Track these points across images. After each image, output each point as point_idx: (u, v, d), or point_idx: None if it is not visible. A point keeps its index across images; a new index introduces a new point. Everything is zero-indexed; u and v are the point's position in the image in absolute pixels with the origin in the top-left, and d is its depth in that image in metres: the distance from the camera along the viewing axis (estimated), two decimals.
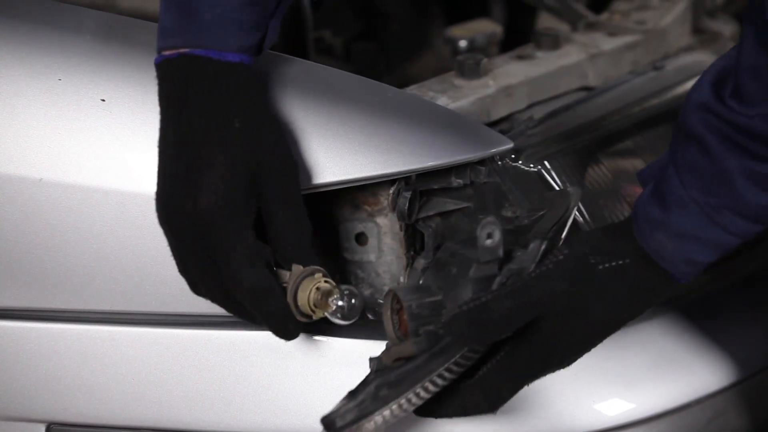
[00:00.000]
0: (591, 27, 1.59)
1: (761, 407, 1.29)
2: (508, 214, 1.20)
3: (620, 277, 1.04)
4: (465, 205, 1.20)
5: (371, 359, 1.08)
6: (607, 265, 1.04)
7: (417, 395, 1.04)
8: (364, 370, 1.15)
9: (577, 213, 1.22)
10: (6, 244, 1.20)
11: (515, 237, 1.13)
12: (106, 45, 1.20)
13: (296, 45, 1.88)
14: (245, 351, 1.20)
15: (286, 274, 1.10)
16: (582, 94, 1.43)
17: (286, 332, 1.09)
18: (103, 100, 1.15)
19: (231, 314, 1.11)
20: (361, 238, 1.21)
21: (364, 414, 1.03)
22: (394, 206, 1.18)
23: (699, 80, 1.00)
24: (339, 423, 1.03)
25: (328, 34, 2.02)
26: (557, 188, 1.23)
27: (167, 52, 1.07)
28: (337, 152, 1.14)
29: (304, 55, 1.88)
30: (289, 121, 1.14)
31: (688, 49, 1.61)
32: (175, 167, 1.06)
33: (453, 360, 1.03)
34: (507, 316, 1.02)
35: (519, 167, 1.23)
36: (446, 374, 1.04)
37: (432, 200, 1.21)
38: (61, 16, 1.23)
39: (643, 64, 1.54)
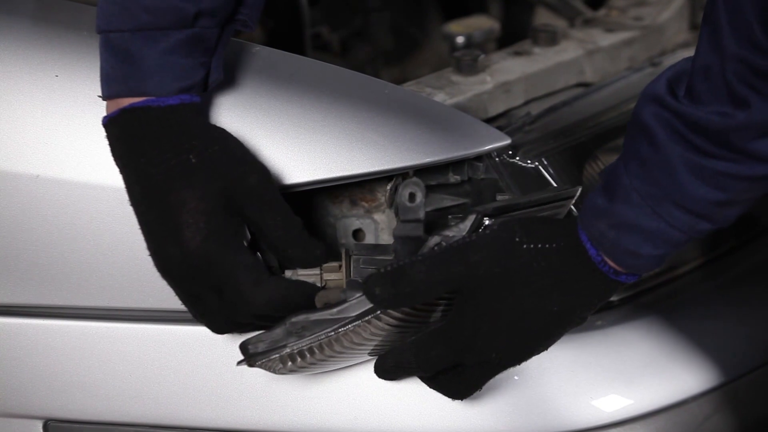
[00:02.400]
0: (588, 23, 1.59)
1: (757, 405, 1.29)
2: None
3: (544, 261, 1.03)
4: (463, 201, 1.20)
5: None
6: (532, 245, 1.03)
7: (332, 342, 1.06)
8: (364, 370, 1.15)
9: (573, 209, 1.22)
10: (3, 241, 1.20)
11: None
12: None
13: (293, 41, 1.88)
14: None
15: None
16: (579, 91, 1.43)
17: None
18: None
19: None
20: (358, 235, 1.21)
21: (275, 346, 1.08)
22: (391, 203, 1.18)
23: (658, 75, 1.01)
24: (251, 350, 1.09)
25: (326, 31, 2.02)
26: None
27: (110, 107, 1.08)
28: (335, 149, 1.14)
29: (301, 51, 1.88)
30: (286, 117, 1.14)
31: (686, 45, 1.61)
32: (152, 221, 1.08)
33: (366, 318, 1.05)
34: (420, 281, 1.02)
35: (516, 163, 1.23)
36: (368, 334, 1.06)
37: (429, 196, 1.21)
38: (57, 12, 1.23)
39: (641, 60, 1.54)
